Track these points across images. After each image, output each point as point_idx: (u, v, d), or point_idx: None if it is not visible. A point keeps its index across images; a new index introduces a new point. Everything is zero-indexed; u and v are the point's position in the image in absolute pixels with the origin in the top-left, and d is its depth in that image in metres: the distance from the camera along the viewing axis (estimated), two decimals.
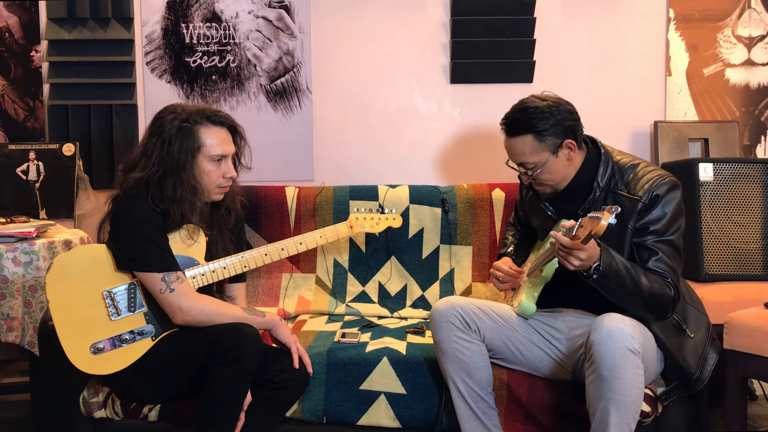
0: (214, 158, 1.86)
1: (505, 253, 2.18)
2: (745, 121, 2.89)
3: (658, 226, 1.74)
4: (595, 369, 1.60)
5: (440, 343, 1.83)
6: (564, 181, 1.85)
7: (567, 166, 1.83)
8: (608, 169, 1.83)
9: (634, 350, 1.58)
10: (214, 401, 1.70)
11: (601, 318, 1.64)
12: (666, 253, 1.73)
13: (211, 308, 1.80)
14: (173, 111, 1.85)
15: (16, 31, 2.89)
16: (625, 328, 1.59)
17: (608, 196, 1.81)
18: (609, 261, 1.64)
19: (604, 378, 1.58)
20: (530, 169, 1.83)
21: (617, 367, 1.57)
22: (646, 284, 1.68)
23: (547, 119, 1.77)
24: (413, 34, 2.88)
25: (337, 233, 2.10)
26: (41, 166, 2.74)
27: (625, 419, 1.59)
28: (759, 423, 2.45)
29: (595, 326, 1.63)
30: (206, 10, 2.86)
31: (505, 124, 1.85)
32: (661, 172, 1.79)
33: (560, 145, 1.79)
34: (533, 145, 1.79)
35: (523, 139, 1.80)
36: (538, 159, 1.80)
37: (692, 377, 1.81)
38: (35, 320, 2.23)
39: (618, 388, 1.57)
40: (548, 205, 1.93)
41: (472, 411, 1.82)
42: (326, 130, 2.92)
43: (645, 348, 1.66)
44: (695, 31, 2.87)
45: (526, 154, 1.81)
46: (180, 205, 1.81)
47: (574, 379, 1.84)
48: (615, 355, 1.57)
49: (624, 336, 1.58)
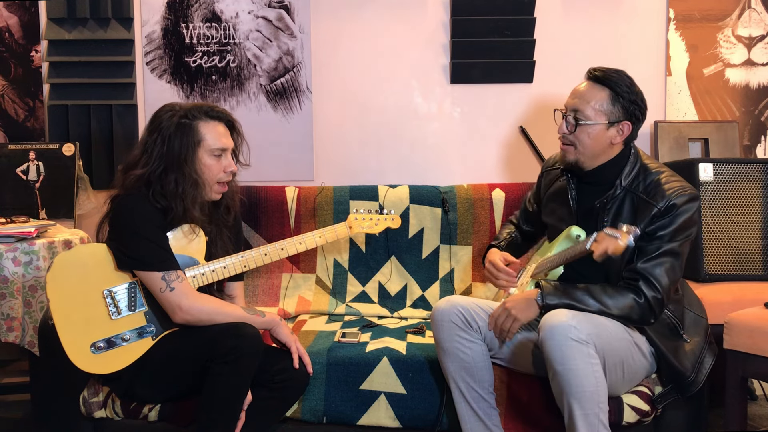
0: (214, 152, 1.87)
1: (497, 245, 2.14)
2: (745, 121, 2.89)
3: (664, 232, 1.74)
4: (551, 366, 1.62)
5: (441, 342, 1.83)
6: (591, 159, 1.84)
7: (605, 146, 1.82)
8: (634, 169, 1.83)
9: (579, 340, 1.59)
10: (214, 401, 1.70)
11: (546, 315, 1.67)
12: (661, 257, 1.73)
13: (212, 307, 1.80)
14: (171, 108, 1.87)
15: (16, 31, 2.89)
16: (566, 320, 1.61)
17: (627, 196, 1.81)
18: (552, 300, 1.71)
19: (558, 373, 1.60)
20: (578, 120, 1.80)
21: (566, 358, 1.58)
22: (609, 302, 1.71)
23: (630, 93, 1.79)
24: (413, 34, 2.88)
25: (336, 233, 2.10)
26: (41, 166, 2.74)
27: (590, 410, 1.59)
28: (759, 423, 2.45)
29: (540, 325, 1.66)
30: (206, 10, 2.86)
31: (592, 70, 1.84)
32: (683, 184, 1.79)
33: (618, 122, 1.79)
34: (603, 100, 1.79)
35: (599, 89, 1.80)
36: (594, 115, 1.79)
37: (687, 380, 1.80)
38: (35, 320, 2.23)
39: (572, 380, 1.58)
40: (575, 201, 1.90)
41: (473, 411, 1.82)
42: (326, 130, 2.92)
43: (600, 338, 1.65)
44: (695, 31, 2.87)
45: (590, 104, 1.79)
46: (182, 200, 1.82)
47: None
48: (561, 347, 1.59)
49: (566, 327, 1.59)
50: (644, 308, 1.72)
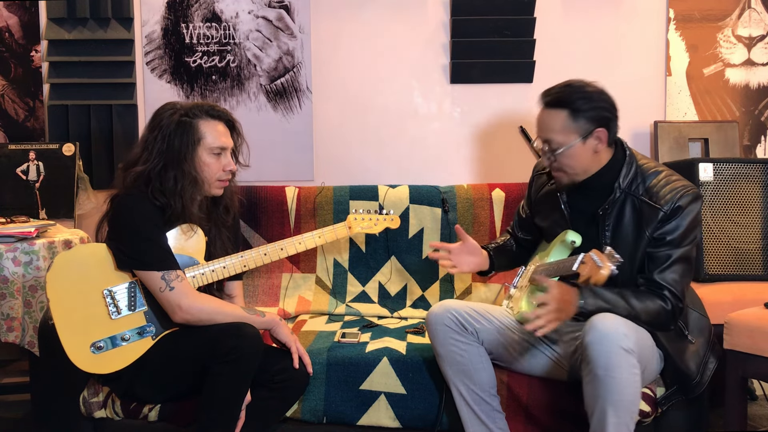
0: (214, 151, 1.87)
1: (486, 246, 2.09)
2: (745, 121, 2.89)
3: (673, 236, 1.72)
4: (591, 369, 1.59)
5: (438, 347, 1.83)
6: (584, 174, 1.80)
7: (591, 158, 1.77)
8: (631, 170, 1.78)
9: (628, 349, 1.57)
10: (214, 401, 1.70)
11: (595, 318, 1.63)
12: (675, 264, 1.72)
13: (211, 307, 1.80)
14: (172, 107, 1.87)
15: (16, 31, 2.89)
16: (618, 327, 1.59)
17: (627, 199, 1.77)
18: (591, 305, 1.68)
19: (599, 378, 1.57)
20: (554, 150, 1.76)
21: (612, 366, 1.56)
22: (639, 306, 1.69)
23: (587, 101, 1.73)
24: (413, 34, 2.88)
25: (335, 233, 2.10)
26: (41, 166, 2.74)
27: (623, 419, 1.58)
28: (759, 423, 2.45)
29: (589, 327, 1.63)
30: (206, 10, 2.86)
31: (544, 95, 1.79)
32: (684, 183, 1.76)
33: (591, 133, 1.74)
34: (565, 122, 1.73)
35: (557, 113, 1.75)
36: (564, 139, 1.74)
37: (692, 382, 1.80)
38: (35, 320, 2.23)
39: (614, 388, 1.56)
40: (566, 204, 1.87)
41: (474, 414, 1.82)
42: (326, 130, 2.92)
43: (641, 347, 1.65)
44: (695, 31, 2.87)
45: (556, 131, 1.75)
46: (181, 197, 1.82)
47: (572, 380, 1.84)
48: (609, 354, 1.56)
49: (617, 335, 1.57)
50: (669, 316, 1.71)
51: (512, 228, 2.18)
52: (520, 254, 2.13)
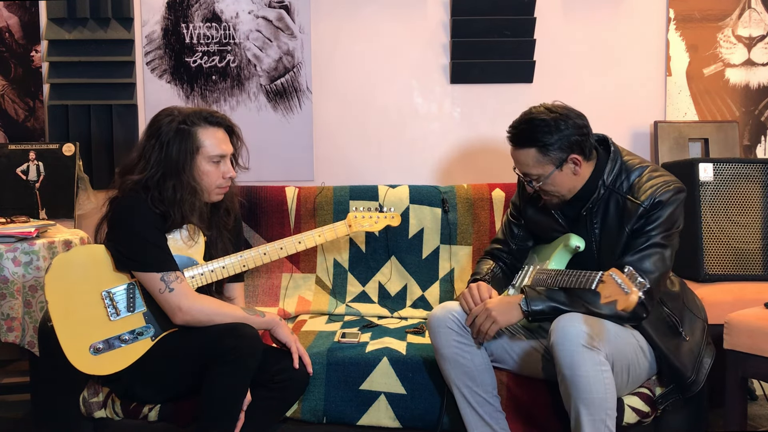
0: (213, 159, 1.86)
1: (482, 278, 1.96)
2: (745, 121, 2.89)
3: (651, 227, 1.71)
4: (559, 370, 1.62)
5: (440, 349, 1.83)
6: (571, 192, 1.81)
7: (573, 179, 1.79)
8: (615, 167, 1.79)
9: (590, 347, 1.58)
10: (213, 401, 1.70)
11: (558, 319, 1.65)
12: (649, 251, 1.70)
13: (211, 308, 1.80)
14: (170, 113, 1.85)
15: (16, 31, 2.89)
16: (578, 325, 1.60)
17: (611, 196, 1.78)
18: (538, 305, 1.71)
19: (567, 378, 1.60)
20: (534, 180, 1.79)
21: (576, 365, 1.58)
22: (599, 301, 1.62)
23: (552, 133, 1.72)
24: (413, 34, 2.88)
25: (335, 232, 2.10)
26: (41, 166, 2.74)
27: (597, 416, 1.58)
28: (759, 423, 2.45)
29: (552, 328, 1.65)
30: (206, 10, 2.86)
31: (510, 134, 1.80)
32: (667, 179, 1.75)
33: (565, 160, 1.75)
34: (536, 158, 1.75)
35: (526, 152, 1.76)
36: (541, 171, 1.77)
37: (688, 380, 1.79)
38: (35, 320, 2.23)
39: (582, 386, 1.58)
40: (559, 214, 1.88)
41: (479, 416, 1.81)
42: (326, 130, 2.92)
43: (613, 344, 1.64)
44: (695, 31, 2.87)
45: (530, 166, 1.77)
46: (180, 207, 1.81)
47: None
48: (572, 354, 1.58)
49: (578, 334, 1.59)
50: (643, 303, 1.66)
51: (502, 243, 2.07)
52: (510, 275, 2.04)
